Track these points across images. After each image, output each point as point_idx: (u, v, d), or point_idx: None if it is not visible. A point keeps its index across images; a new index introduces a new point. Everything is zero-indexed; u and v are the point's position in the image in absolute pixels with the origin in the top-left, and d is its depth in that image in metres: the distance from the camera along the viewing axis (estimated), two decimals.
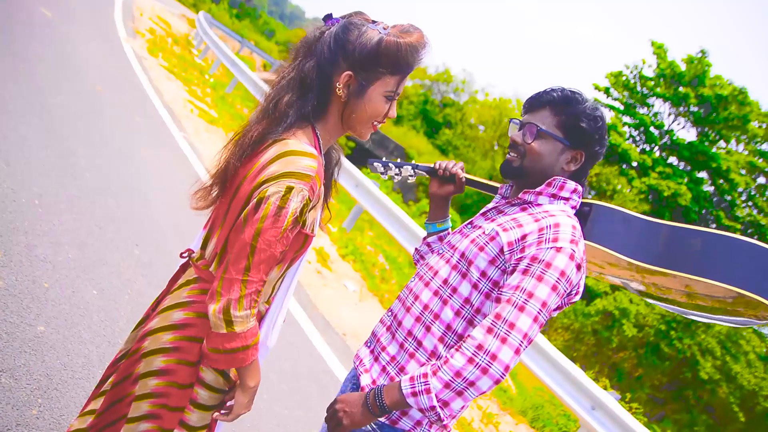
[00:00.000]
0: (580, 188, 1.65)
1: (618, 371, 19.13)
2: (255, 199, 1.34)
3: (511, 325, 1.40)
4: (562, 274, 1.45)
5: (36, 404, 2.25)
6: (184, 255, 1.61)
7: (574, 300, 1.59)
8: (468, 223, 1.73)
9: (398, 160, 2.08)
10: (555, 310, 1.54)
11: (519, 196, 1.65)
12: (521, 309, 1.42)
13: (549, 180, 1.62)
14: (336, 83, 1.43)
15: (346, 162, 8.05)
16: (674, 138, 24.97)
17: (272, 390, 3.47)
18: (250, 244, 1.33)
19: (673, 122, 25.65)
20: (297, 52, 1.50)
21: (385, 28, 1.42)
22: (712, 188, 24.25)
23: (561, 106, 1.62)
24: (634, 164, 24.14)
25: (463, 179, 1.86)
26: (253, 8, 41.41)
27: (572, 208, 1.64)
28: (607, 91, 26.36)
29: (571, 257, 1.47)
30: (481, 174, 24.54)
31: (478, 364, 1.39)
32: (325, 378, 4.09)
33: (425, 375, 1.43)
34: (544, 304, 1.43)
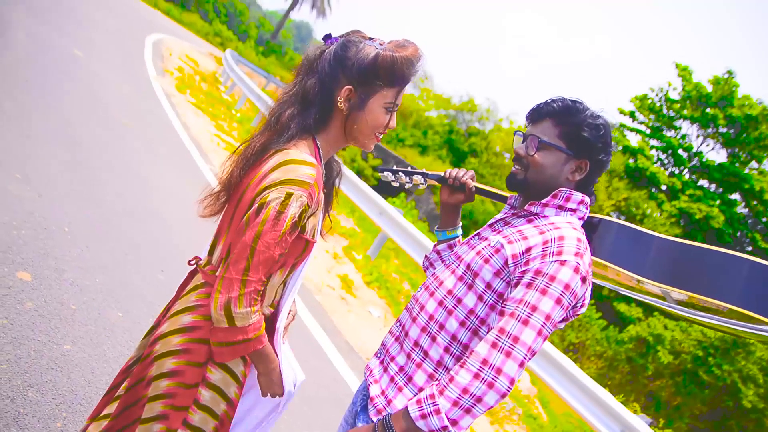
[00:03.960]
0: (587, 199, 1.63)
1: (655, 400, 18.57)
2: (257, 204, 1.41)
3: (515, 339, 1.41)
4: (567, 287, 1.44)
5: (60, 418, 2.32)
6: (192, 262, 1.67)
7: (579, 312, 1.58)
8: (476, 234, 1.74)
9: (409, 168, 2.11)
10: (560, 322, 1.54)
11: (525, 207, 1.65)
12: (525, 323, 1.42)
13: (555, 191, 1.61)
14: (337, 97, 1.51)
15: (369, 190, 8.16)
16: (704, 160, 24.64)
17: (294, 413, 3.49)
18: (251, 246, 1.40)
19: (701, 144, 25.35)
20: (299, 71, 1.59)
21: (381, 44, 1.51)
22: (746, 210, 23.75)
23: (562, 116, 1.61)
24: (663, 187, 23.83)
25: (473, 188, 1.86)
26: (279, 45, 42.45)
27: (580, 219, 1.63)
28: (632, 114, 26.21)
29: (576, 270, 1.46)
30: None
31: (483, 378, 1.39)
32: (348, 401, 4.09)
33: (432, 396, 1.43)
34: (548, 317, 1.43)
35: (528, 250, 1.50)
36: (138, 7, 24.36)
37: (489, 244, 1.59)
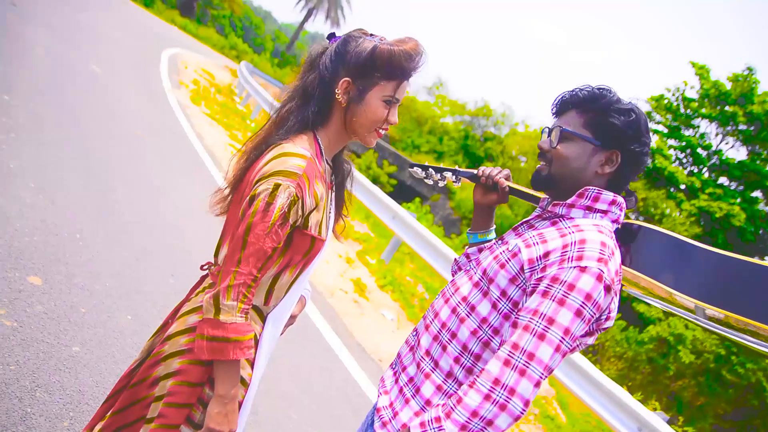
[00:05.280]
0: (620, 199, 1.47)
1: (678, 400, 18.27)
2: (248, 197, 1.44)
3: (531, 356, 1.28)
4: (588, 297, 1.29)
5: (67, 417, 2.37)
6: (204, 267, 1.69)
7: (605, 326, 1.43)
8: (500, 238, 1.63)
9: (441, 165, 2.06)
10: (584, 336, 1.41)
11: (549, 208, 1.51)
12: (541, 337, 1.29)
13: (581, 190, 1.46)
14: (336, 90, 1.52)
15: (381, 194, 8.18)
16: (723, 158, 24.32)
17: (303, 411, 3.51)
18: (242, 237, 1.41)
19: (721, 142, 25.02)
20: (302, 68, 1.62)
21: (381, 40, 1.53)
22: (767, 207, 23.38)
23: (587, 104, 1.48)
24: (682, 187, 23.55)
25: (506, 188, 1.71)
26: (294, 56, 42.84)
27: (613, 222, 1.47)
28: (649, 115, 25.98)
29: (599, 278, 1.30)
30: (524, 206, 24.38)
31: (495, 400, 1.28)
32: (358, 401, 4.10)
33: (438, 419, 1.32)
34: (566, 332, 1.29)
35: (546, 254, 1.36)
36: (155, 23, 24.78)
37: (507, 248, 1.46)
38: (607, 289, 1.32)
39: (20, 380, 2.40)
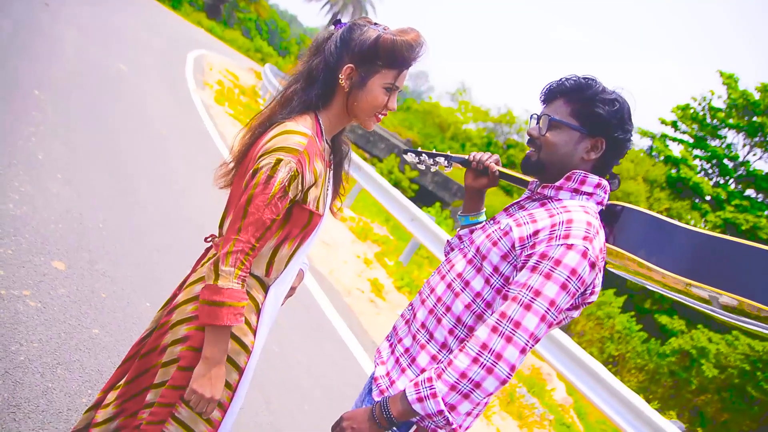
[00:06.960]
0: (604, 182, 1.57)
1: (700, 416, 17.93)
2: (251, 170, 1.51)
3: (517, 324, 1.39)
4: (573, 272, 1.40)
5: (86, 394, 2.44)
6: (208, 239, 1.77)
7: (590, 300, 1.53)
8: (492, 219, 1.72)
9: (434, 150, 2.10)
10: (570, 309, 1.51)
11: (538, 191, 1.61)
12: (527, 307, 1.39)
13: (568, 174, 1.56)
14: (339, 75, 1.60)
15: (400, 196, 8.22)
16: (750, 169, 23.92)
17: (316, 404, 3.55)
18: (244, 207, 1.49)
19: (748, 153, 24.62)
20: (308, 51, 1.70)
21: (385, 29, 1.60)
22: None
23: (574, 94, 1.57)
24: (707, 198, 23.21)
25: (497, 172, 1.82)
26: None
27: (598, 204, 1.57)
28: (674, 124, 25.65)
29: (584, 254, 1.41)
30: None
31: (482, 363, 1.38)
32: None
33: (429, 379, 1.42)
34: (552, 303, 1.39)
35: (535, 233, 1.47)
36: (182, 25, 25.16)
37: (499, 227, 1.56)
38: (592, 265, 1.43)
39: (42, 357, 2.48)
